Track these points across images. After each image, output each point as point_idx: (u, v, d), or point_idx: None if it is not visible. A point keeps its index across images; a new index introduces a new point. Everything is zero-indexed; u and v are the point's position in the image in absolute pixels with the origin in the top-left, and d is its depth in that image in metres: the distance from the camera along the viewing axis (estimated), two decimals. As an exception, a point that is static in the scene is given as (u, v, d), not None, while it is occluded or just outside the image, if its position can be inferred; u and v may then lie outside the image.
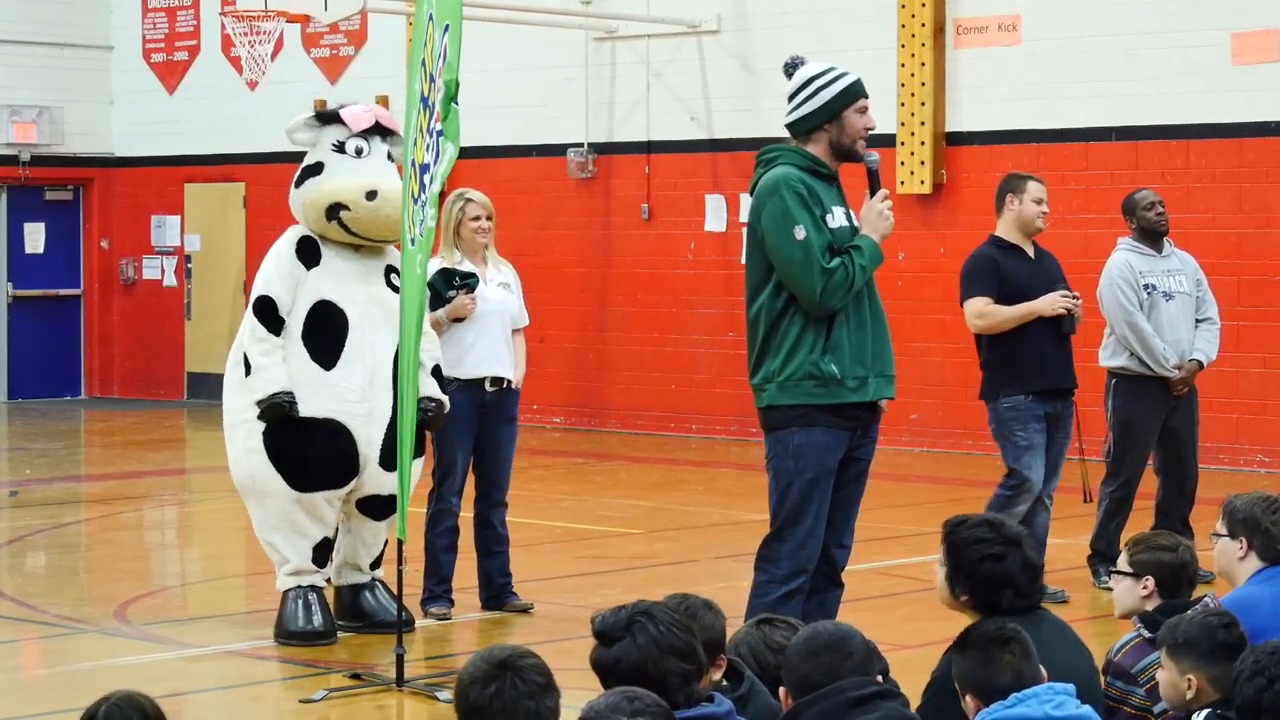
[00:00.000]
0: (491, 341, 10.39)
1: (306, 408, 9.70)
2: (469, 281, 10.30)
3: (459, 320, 10.28)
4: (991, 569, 5.62)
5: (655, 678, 4.75)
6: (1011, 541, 5.67)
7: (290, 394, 9.67)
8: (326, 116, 10.11)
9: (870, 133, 7.88)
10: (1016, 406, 10.73)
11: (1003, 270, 10.84)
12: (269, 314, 9.77)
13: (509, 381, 10.47)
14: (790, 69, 7.92)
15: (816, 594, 7.79)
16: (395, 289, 9.99)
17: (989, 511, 10.84)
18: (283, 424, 9.69)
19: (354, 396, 9.77)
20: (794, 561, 7.68)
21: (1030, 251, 11.01)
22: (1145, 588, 6.35)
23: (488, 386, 10.39)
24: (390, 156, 10.10)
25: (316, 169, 10.00)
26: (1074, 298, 10.85)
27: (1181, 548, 6.43)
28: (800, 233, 7.64)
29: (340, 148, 10.00)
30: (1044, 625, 5.68)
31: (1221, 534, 6.64)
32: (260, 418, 9.71)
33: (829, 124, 7.80)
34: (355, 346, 9.82)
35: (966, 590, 5.66)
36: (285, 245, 9.97)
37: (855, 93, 7.82)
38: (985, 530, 5.70)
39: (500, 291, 10.50)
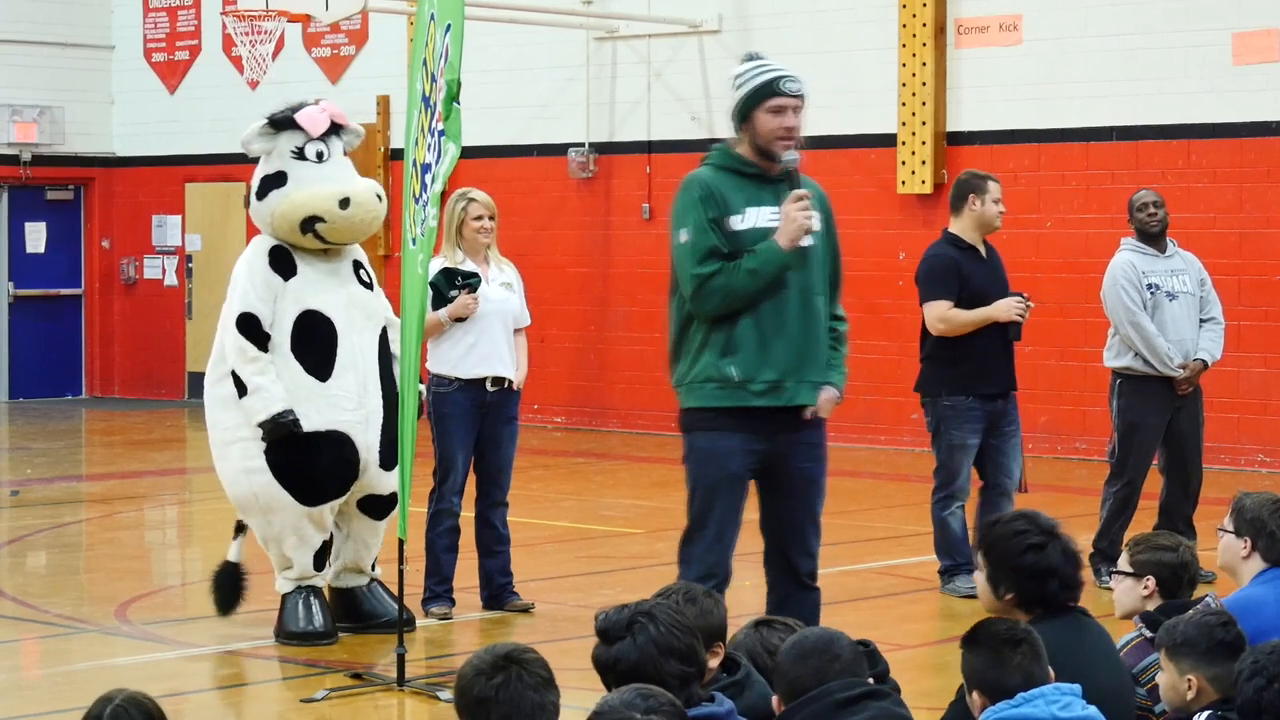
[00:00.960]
0: (493, 341, 10.39)
1: (308, 422, 9.65)
2: (471, 281, 10.29)
3: (461, 320, 10.28)
4: (1034, 560, 5.60)
5: (654, 679, 4.75)
6: (1049, 531, 5.66)
7: (292, 412, 9.61)
8: (281, 122, 9.96)
9: (793, 133, 7.50)
10: (957, 405, 10.88)
11: (964, 273, 10.96)
12: (253, 330, 9.69)
13: (510, 381, 10.46)
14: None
15: (791, 601, 7.62)
16: (365, 284, 9.99)
17: (933, 519, 11.01)
18: (285, 441, 9.65)
19: (351, 404, 9.74)
20: (703, 565, 7.57)
21: (983, 251, 11.12)
22: (1146, 588, 6.34)
23: (489, 386, 10.38)
24: (344, 151, 10.06)
25: (279, 179, 9.84)
26: (1026, 305, 10.94)
27: (1182, 548, 6.41)
28: (683, 235, 7.54)
29: (300, 154, 9.88)
30: (1087, 635, 5.64)
31: (1228, 530, 6.64)
32: (264, 438, 9.65)
33: (743, 125, 7.61)
34: (347, 354, 9.79)
35: (1011, 587, 5.62)
36: (256, 258, 9.84)
37: (764, 93, 7.54)
38: (1022, 523, 5.69)
39: (502, 291, 10.49)
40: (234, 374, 9.71)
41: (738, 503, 7.61)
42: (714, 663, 5.34)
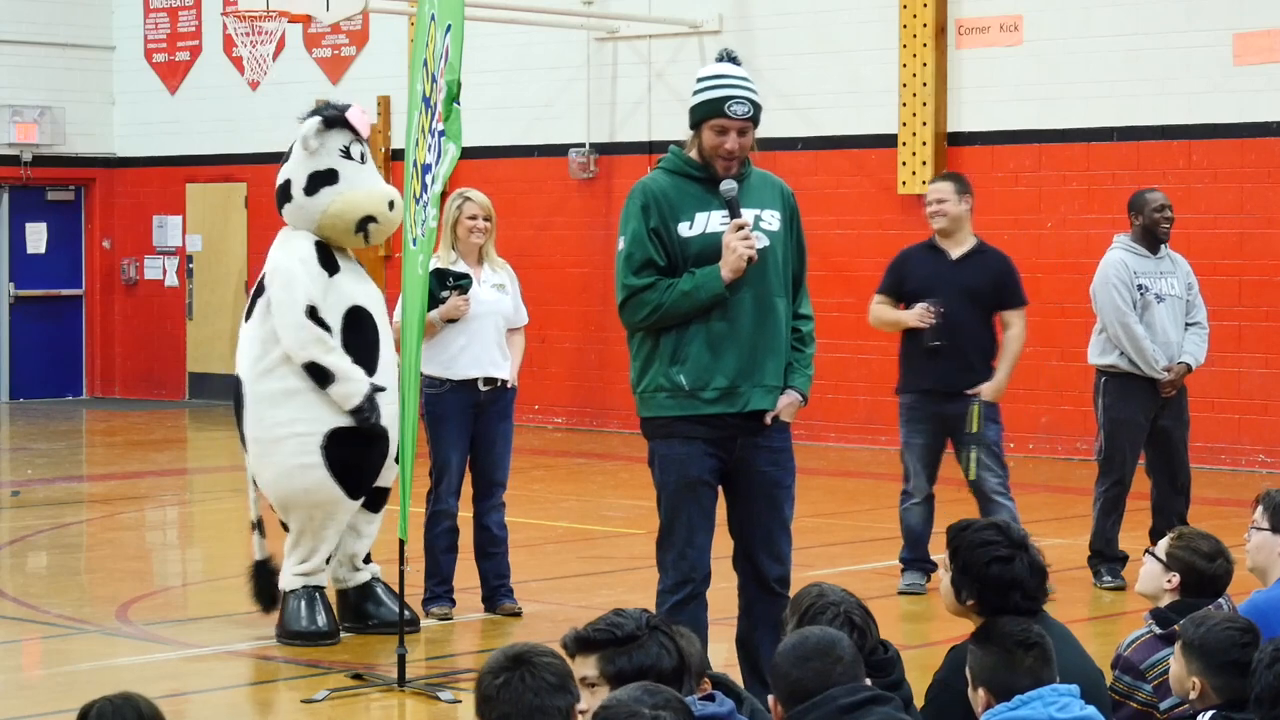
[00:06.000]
0: (484, 343, 10.38)
1: None
2: (462, 283, 10.27)
3: (453, 321, 10.26)
4: (1000, 572, 5.59)
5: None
6: (1018, 544, 5.65)
7: (374, 385, 9.70)
8: (332, 120, 9.97)
9: (733, 155, 7.44)
10: (907, 404, 11.19)
11: (905, 270, 11.26)
12: (318, 321, 9.70)
13: (503, 381, 10.45)
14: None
15: (757, 607, 7.59)
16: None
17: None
18: (341, 435, 9.66)
19: (390, 399, 9.78)
20: (678, 571, 7.56)
21: (955, 252, 11.20)
22: (1170, 582, 6.31)
23: (481, 386, 10.38)
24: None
25: (331, 177, 9.83)
26: (934, 312, 10.97)
27: (1219, 560, 6.28)
28: (621, 244, 7.56)
29: (347, 153, 9.92)
30: (1048, 628, 5.67)
31: (1263, 528, 6.57)
32: (362, 421, 9.64)
33: (694, 132, 7.59)
34: (385, 350, 9.86)
35: (973, 594, 5.62)
36: (307, 252, 9.76)
37: (711, 111, 7.48)
38: (992, 533, 5.67)
39: (494, 293, 10.48)
40: (312, 365, 9.61)
41: (705, 505, 7.59)
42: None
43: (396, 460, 9.84)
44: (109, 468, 18.71)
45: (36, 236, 24.31)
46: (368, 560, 10.12)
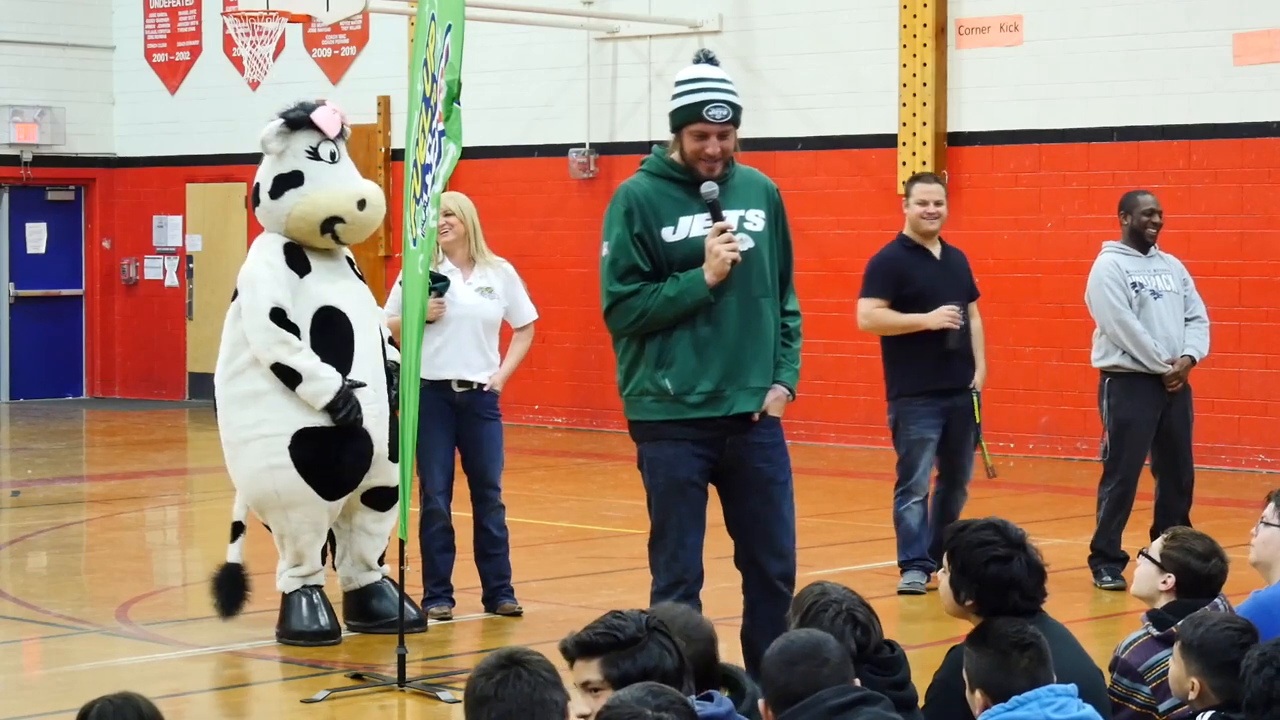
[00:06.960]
0: (459, 345, 10.35)
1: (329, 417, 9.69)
2: (438, 285, 10.24)
3: (429, 323, 10.22)
4: (998, 572, 5.59)
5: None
6: (1016, 544, 5.64)
7: (351, 381, 9.66)
8: (296, 122, 9.94)
9: (715, 159, 7.42)
10: (918, 404, 11.18)
11: (904, 273, 11.17)
12: (284, 323, 9.68)
13: (480, 385, 10.42)
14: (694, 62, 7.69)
15: (760, 607, 7.61)
16: (360, 277, 10.08)
17: (893, 515, 11.30)
18: (309, 436, 9.63)
19: (369, 399, 9.77)
20: (670, 573, 7.59)
21: (936, 251, 11.27)
22: (1165, 583, 6.32)
23: (456, 389, 10.36)
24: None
25: (295, 179, 9.82)
26: (960, 312, 11.06)
27: (1214, 560, 6.29)
28: (604, 249, 7.55)
29: (314, 154, 9.89)
30: (1047, 629, 5.67)
31: (1272, 523, 6.55)
32: (339, 419, 9.61)
33: (675, 136, 7.56)
34: (363, 348, 9.82)
35: (972, 594, 5.62)
36: (273, 255, 9.79)
37: (689, 116, 7.45)
38: (989, 533, 5.66)
39: (476, 296, 10.44)
40: (279, 366, 9.61)
41: (695, 507, 7.59)
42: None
43: (392, 459, 9.85)
44: (109, 468, 18.72)
45: (36, 236, 24.31)
46: (381, 561, 10.10)
